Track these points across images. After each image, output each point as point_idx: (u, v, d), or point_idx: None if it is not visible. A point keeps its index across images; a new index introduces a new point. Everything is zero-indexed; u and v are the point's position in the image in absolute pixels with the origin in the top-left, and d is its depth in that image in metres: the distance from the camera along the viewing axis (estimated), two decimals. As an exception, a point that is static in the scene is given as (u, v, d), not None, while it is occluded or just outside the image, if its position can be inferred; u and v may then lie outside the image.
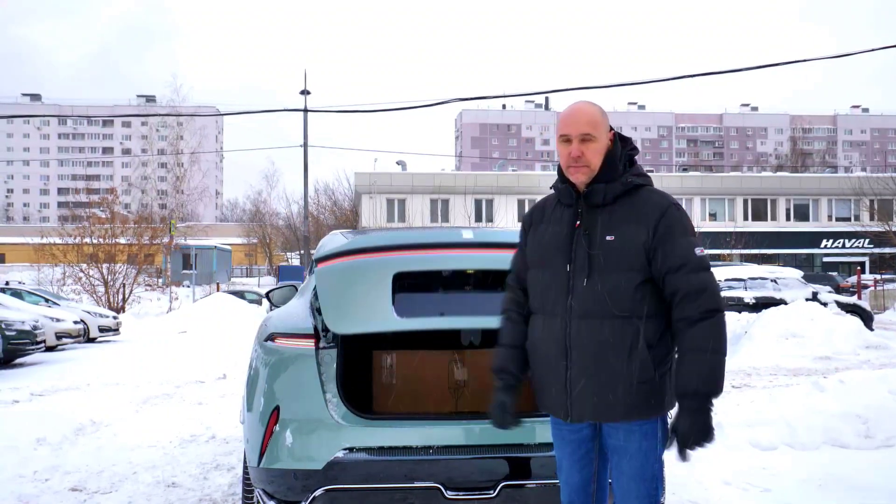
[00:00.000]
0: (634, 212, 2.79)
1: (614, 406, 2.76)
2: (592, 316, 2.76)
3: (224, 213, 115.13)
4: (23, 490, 5.55)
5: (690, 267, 2.71)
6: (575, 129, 2.82)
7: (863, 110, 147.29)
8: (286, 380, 3.73)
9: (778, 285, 18.83)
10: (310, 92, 34.61)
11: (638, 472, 2.80)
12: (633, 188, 2.84)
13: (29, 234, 43.87)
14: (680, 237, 2.74)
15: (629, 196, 2.83)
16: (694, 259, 2.72)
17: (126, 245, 32.44)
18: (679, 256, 2.71)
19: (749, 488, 5.49)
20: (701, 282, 2.70)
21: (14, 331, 14.37)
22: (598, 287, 2.76)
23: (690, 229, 2.80)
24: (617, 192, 2.81)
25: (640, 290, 2.75)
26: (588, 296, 2.77)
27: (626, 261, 2.75)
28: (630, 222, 2.77)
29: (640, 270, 2.74)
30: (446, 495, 3.46)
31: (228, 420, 8.04)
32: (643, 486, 2.81)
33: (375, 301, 3.75)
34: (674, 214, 2.77)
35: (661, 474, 2.87)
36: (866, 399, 6.97)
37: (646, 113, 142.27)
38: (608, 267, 2.76)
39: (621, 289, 2.74)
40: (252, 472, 3.78)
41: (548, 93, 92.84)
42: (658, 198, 2.83)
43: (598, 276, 2.76)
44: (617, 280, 2.75)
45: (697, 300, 2.67)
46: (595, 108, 2.88)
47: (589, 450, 2.94)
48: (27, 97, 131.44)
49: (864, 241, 49.56)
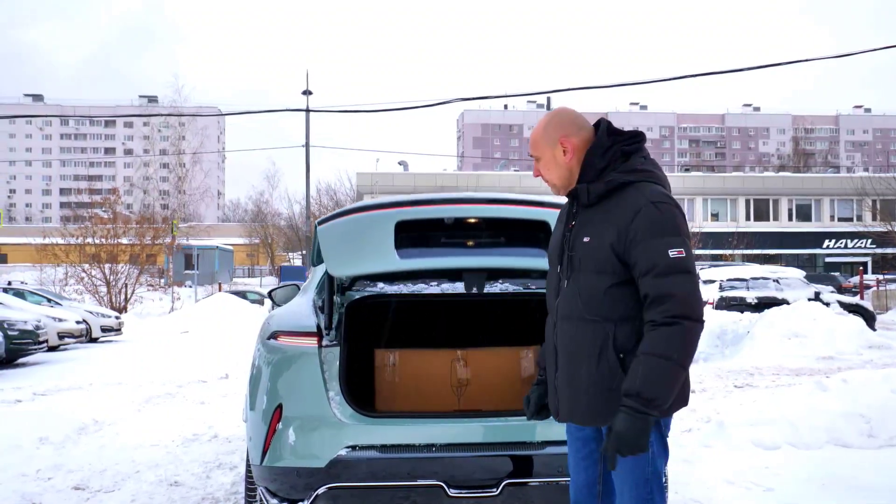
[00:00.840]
0: (611, 212, 2.71)
1: (582, 410, 2.75)
2: (569, 318, 2.76)
3: (226, 214, 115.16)
4: (26, 488, 5.55)
5: (658, 270, 2.59)
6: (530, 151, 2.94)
7: (865, 110, 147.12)
8: (289, 378, 3.73)
9: (780, 285, 18.80)
10: (311, 92, 34.64)
11: (629, 476, 2.73)
12: (619, 186, 2.74)
13: (31, 234, 43.89)
14: (652, 238, 2.62)
15: (615, 195, 2.74)
16: (664, 262, 2.60)
17: (128, 245, 32.47)
18: (647, 259, 2.61)
19: (752, 487, 5.48)
20: (669, 286, 2.58)
21: (17, 330, 14.38)
22: (574, 289, 2.75)
23: (669, 228, 2.65)
24: (600, 192, 2.75)
25: (612, 294, 2.69)
26: (567, 297, 2.78)
27: (597, 263, 2.70)
28: (605, 223, 2.71)
29: (610, 273, 2.68)
30: (449, 493, 3.46)
31: (231, 419, 8.04)
32: (636, 490, 2.74)
33: (378, 244, 3.72)
34: (649, 214, 2.64)
35: (658, 479, 2.77)
36: (869, 398, 6.96)
37: (647, 113, 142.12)
38: (582, 269, 2.74)
39: (592, 291, 2.71)
40: (255, 471, 3.78)
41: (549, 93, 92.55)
42: (637, 196, 2.69)
43: (574, 278, 2.76)
44: (588, 282, 2.72)
45: (662, 305, 2.57)
46: (540, 124, 2.92)
47: (593, 450, 2.89)
48: (29, 97, 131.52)
49: (866, 241, 49.50)
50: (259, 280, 60.57)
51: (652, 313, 2.59)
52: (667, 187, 2.79)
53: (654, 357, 2.54)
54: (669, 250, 2.60)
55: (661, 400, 2.54)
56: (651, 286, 2.59)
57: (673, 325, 2.55)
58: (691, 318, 2.58)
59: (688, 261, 2.63)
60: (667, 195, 2.74)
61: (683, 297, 2.58)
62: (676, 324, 2.55)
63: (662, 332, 2.55)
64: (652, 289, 2.59)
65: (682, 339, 2.56)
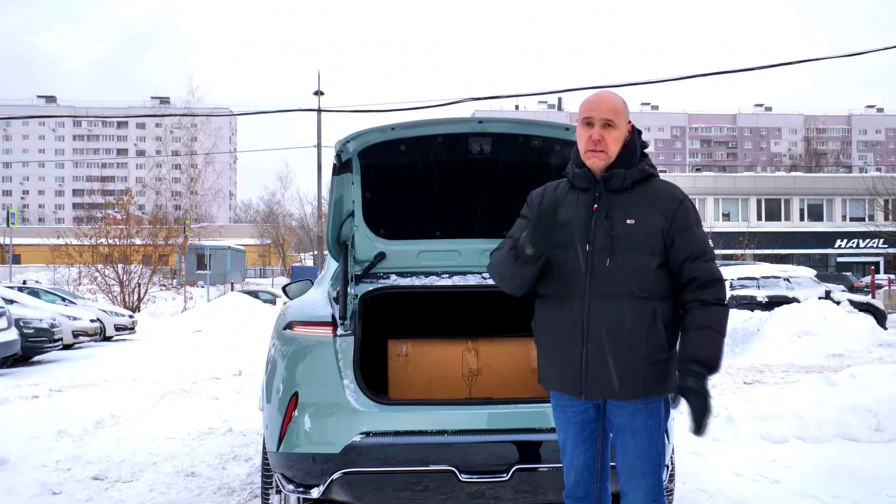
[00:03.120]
0: (651, 199, 2.92)
1: (632, 384, 2.87)
2: (613, 296, 2.85)
3: (237, 215, 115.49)
4: (46, 479, 5.67)
5: (708, 256, 2.90)
6: (598, 114, 2.93)
7: (877, 110, 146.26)
8: (305, 366, 3.82)
9: (791, 284, 18.82)
10: (323, 92, 34.76)
11: (644, 450, 2.91)
12: (648, 177, 2.98)
13: (44, 234, 44.16)
14: (696, 227, 2.93)
15: (644, 184, 2.96)
16: (709, 250, 2.92)
17: (141, 245, 32.70)
18: (699, 245, 2.90)
19: (760, 479, 5.55)
20: (716, 271, 2.90)
21: (32, 328, 14.53)
22: (620, 268, 2.86)
23: (700, 222, 2.99)
24: (635, 178, 2.94)
25: (658, 273, 2.88)
26: (610, 276, 2.86)
27: (644, 245, 2.87)
28: (647, 208, 2.89)
29: (658, 254, 2.88)
30: (460, 478, 3.53)
31: (245, 414, 8.14)
32: (648, 462, 2.92)
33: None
34: (689, 206, 2.95)
35: (665, 451, 3.01)
36: (877, 393, 7.01)
37: (659, 113, 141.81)
38: (630, 249, 2.86)
39: (643, 270, 2.86)
40: (271, 458, 3.86)
41: (560, 92, 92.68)
42: (673, 188, 2.98)
43: (620, 258, 2.86)
44: (638, 261, 2.86)
45: (714, 287, 2.86)
46: (619, 98, 3.01)
47: (594, 430, 3.02)
48: (42, 99, 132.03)
49: (878, 241, 49.35)
50: (271, 280, 60.71)
51: (704, 294, 2.86)
52: None
53: (712, 331, 2.83)
54: (707, 240, 2.96)
55: (717, 366, 2.85)
56: (702, 270, 2.88)
57: (722, 306, 2.88)
58: (726, 301, 2.92)
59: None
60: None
61: (724, 282, 2.93)
62: (724, 305, 2.89)
63: (716, 310, 2.85)
64: (703, 272, 2.88)
65: (727, 318, 2.90)
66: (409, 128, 4.03)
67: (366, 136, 4.00)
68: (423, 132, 4.08)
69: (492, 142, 4.14)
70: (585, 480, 3.05)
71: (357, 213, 4.26)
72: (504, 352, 4.30)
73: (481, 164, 4.28)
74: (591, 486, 3.06)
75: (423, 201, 4.46)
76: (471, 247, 4.40)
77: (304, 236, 69.83)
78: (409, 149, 4.15)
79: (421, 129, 4.07)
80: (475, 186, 4.41)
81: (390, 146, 4.09)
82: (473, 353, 4.24)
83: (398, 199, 4.40)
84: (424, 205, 4.46)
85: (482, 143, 4.15)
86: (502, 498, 3.73)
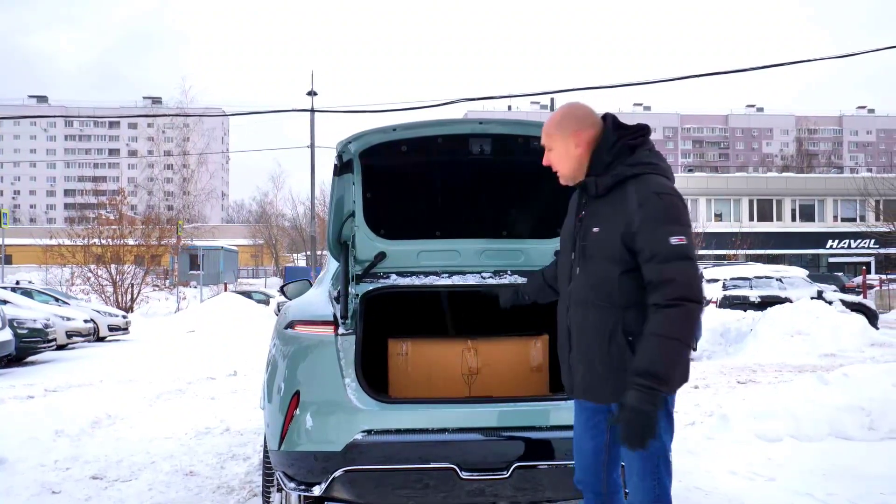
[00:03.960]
0: (618, 204, 2.88)
1: (600, 388, 2.95)
2: (581, 303, 2.98)
3: (230, 215, 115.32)
4: (46, 478, 5.69)
5: (661, 257, 2.76)
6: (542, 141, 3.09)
7: (868, 111, 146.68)
8: (306, 365, 3.84)
9: (783, 284, 18.88)
10: (316, 93, 34.74)
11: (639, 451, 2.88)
12: (624, 179, 2.90)
13: (36, 235, 44.05)
14: (656, 227, 2.78)
15: (621, 188, 2.90)
16: (666, 250, 2.76)
17: (134, 246, 32.65)
18: (651, 247, 2.77)
19: (755, 478, 5.59)
20: (671, 272, 2.74)
21: (26, 329, 14.51)
22: (585, 277, 2.96)
23: (671, 217, 2.81)
24: (608, 185, 2.92)
25: (622, 281, 2.86)
26: (579, 284, 2.99)
27: (606, 252, 2.88)
28: (613, 214, 2.88)
29: (619, 262, 2.85)
30: (461, 476, 3.56)
31: (241, 414, 8.17)
32: (643, 462, 2.91)
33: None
34: (653, 204, 2.81)
35: (664, 453, 2.94)
36: (870, 392, 7.05)
37: (651, 114, 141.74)
38: (592, 258, 2.93)
39: (602, 279, 2.90)
40: (273, 456, 3.89)
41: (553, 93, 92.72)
42: (642, 188, 2.85)
43: (585, 267, 2.97)
44: (598, 271, 2.91)
45: (665, 289, 2.74)
46: (552, 116, 3.08)
47: (601, 420, 3.08)
48: (33, 99, 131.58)
49: (869, 241, 49.50)
50: (264, 281, 60.61)
51: (655, 297, 2.76)
52: (671, 178, 2.96)
53: (660, 337, 2.72)
54: (671, 238, 2.77)
55: (668, 376, 2.72)
56: (654, 272, 2.77)
57: (675, 307, 2.73)
58: (692, 299, 2.74)
59: (688, 248, 2.79)
60: (670, 186, 2.90)
61: (684, 281, 2.75)
62: (678, 305, 2.73)
63: (666, 313, 2.73)
64: (655, 274, 2.77)
65: (684, 319, 2.74)
66: (410, 129, 4.07)
67: (367, 137, 4.04)
68: (423, 133, 4.12)
69: (492, 143, 4.18)
70: (593, 468, 3.14)
71: (358, 213, 4.29)
72: (503, 351, 4.33)
73: (481, 165, 4.32)
74: (599, 475, 3.13)
75: (423, 202, 4.50)
76: (470, 247, 4.43)
77: (296, 237, 69.75)
78: (410, 149, 4.18)
79: (422, 129, 4.11)
80: (475, 187, 4.45)
81: (391, 147, 4.13)
82: (473, 353, 4.27)
83: (398, 200, 4.43)
84: (424, 205, 4.50)
85: (482, 144, 4.18)
86: (502, 495, 3.77)
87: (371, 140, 4.07)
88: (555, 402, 3.77)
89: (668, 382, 2.72)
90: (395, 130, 4.04)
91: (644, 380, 2.70)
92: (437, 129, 4.15)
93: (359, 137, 4.02)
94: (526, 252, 4.43)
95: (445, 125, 4.19)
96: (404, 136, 4.09)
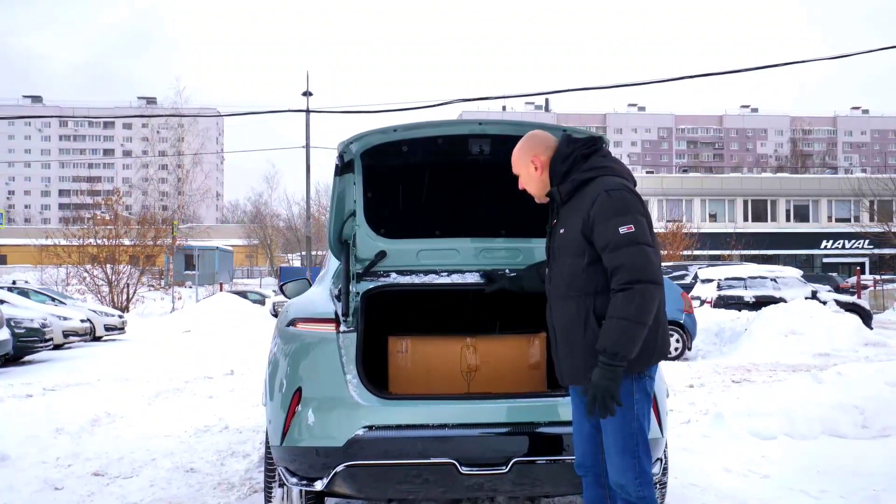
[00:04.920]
0: (578, 205, 3.22)
1: (578, 371, 3.21)
2: (556, 298, 3.32)
3: (224, 215, 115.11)
4: (47, 475, 5.74)
5: (612, 246, 3.05)
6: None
7: (863, 112, 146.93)
8: (308, 362, 3.90)
9: (777, 284, 18.96)
10: (312, 93, 34.75)
11: (618, 429, 3.16)
12: (582, 183, 3.24)
13: (31, 235, 43.96)
14: (606, 220, 3.09)
15: (579, 191, 3.25)
16: (615, 239, 3.05)
17: (129, 246, 32.65)
18: (603, 239, 3.08)
19: (749, 475, 5.65)
20: (621, 258, 3.03)
21: (23, 328, 14.53)
22: (557, 272, 3.31)
23: (619, 209, 3.10)
24: (568, 191, 3.28)
25: (588, 272, 3.17)
26: (553, 280, 3.35)
27: (571, 248, 3.22)
28: (574, 215, 3.22)
29: (583, 255, 3.17)
30: (461, 471, 3.62)
31: (240, 412, 8.22)
32: (622, 441, 3.17)
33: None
34: (603, 201, 3.12)
35: (642, 434, 3.20)
36: (864, 391, 7.11)
37: (646, 114, 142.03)
38: (561, 255, 3.29)
39: (571, 273, 3.22)
40: (275, 452, 3.94)
41: (548, 94, 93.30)
42: (595, 188, 3.18)
43: (555, 264, 3.34)
44: (567, 265, 3.25)
45: (617, 275, 3.03)
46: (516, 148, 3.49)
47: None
48: (28, 99, 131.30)
49: (863, 241, 49.65)
50: (259, 281, 60.66)
51: (613, 282, 3.06)
52: (626, 177, 3.28)
53: (616, 319, 3.01)
54: (619, 227, 3.06)
55: (625, 353, 2.99)
56: (609, 260, 3.07)
57: (626, 290, 3.01)
58: (642, 280, 3.02)
59: (636, 234, 3.06)
60: (621, 183, 3.20)
61: (632, 264, 3.03)
62: (629, 288, 3.01)
63: (619, 297, 3.02)
64: (609, 262, 3.07)
65: (636, 300, 3.00)
66: (411, 129, 4.13)
67: (368, 138, 4.10)
68: (424, 133, 4.18)
69: (491, 143, 4.24)
70: (592, 451, 3.35)
71: (358, 212, 4.35)
72: (502, 348, 4.39)
73: (480, 165, 4.38)
74: (598, 458, 3.34)
75: (423, 201, 4.55)
76: (469, 246, 4.49)
77: (291, 237, 69.67)
78: (411, 150, 4.24)
79: (422, 130, 4.17)
80: (474, 187, 4.52)
81: (392, 147, 4.19)
82: (472, 350, 4.32)
83: (399, 199, 4.50)
84: (424, 204, 4.55)
85: (482, 145, 4.25)
86: (501, 490, 3.85)
87: (372, 140, 4.13)
88: (553, 399, 3.84)
89: (625, 358, 2.99)
90: (396, 131, 4.10)
91: (604, 357, 2.99)
92: (438, 130, 4.21)
93: (360, 138, 4.08)
94: (524, 251, 4.48)
95: (445, 126, 4.25)
96: (405, 136, 4.15)
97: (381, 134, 4.11)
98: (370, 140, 4.12)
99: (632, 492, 3.16)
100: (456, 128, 4.25)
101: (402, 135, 4.13)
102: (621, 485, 3.17)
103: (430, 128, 4.20)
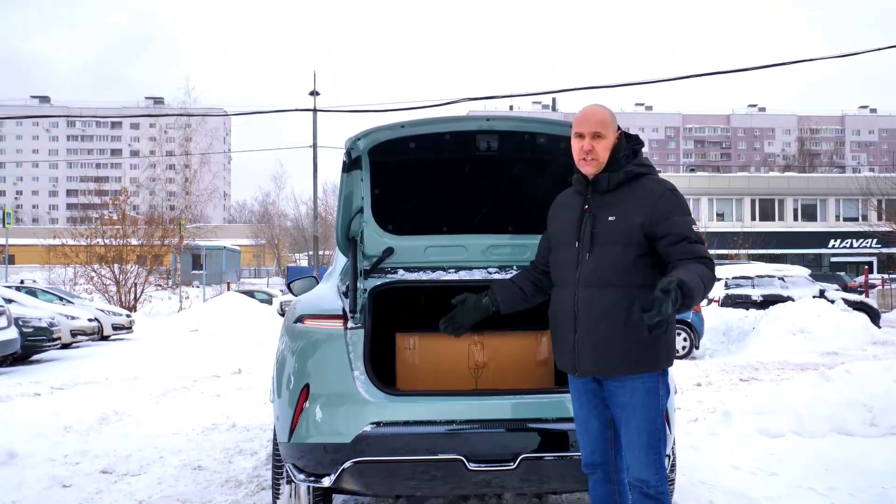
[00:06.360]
0: (633, 196, 3.23)
1: (612, 361, 3.18)
2: (595, 285, 3.20)
3: (232, 215, 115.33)
4: (56, 472, 5.76)
5: (691, 239, 3.13)
6: (587, 127, 3.28)
7: (871, 111, 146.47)
8: (316, 358, 3.90)
9: (785, 283, 18.89)
10: (319, 93, 34.75)
11: (643, 425, 3.17)
12: (634, 177, 3.27)
13: (39, 235, 44.08)
14: (680, 215, 3.18)
15: (631, 183, 3.26)
16: (694, 234, 3.15)
17: (137, 245, 32.73)
18: (680, 231, 3.13)
19: (757, 472, 5.64)
20: (702, 251, 3.12)
21: (31, 327, 14.53)
22: (600, 260, 3.21)
23: (687, 210, 3.24)
24: (619, 180, 3.26)
25: (637, 263, 3.17)
26: (590, 268, 3.22)
27: (624, 237, 3.18)
28: (629, 205, 3.21)
29: (636, 245, 3.17)
30: (469, 467, 3.61)
31: (247, 411, 8.23)
32: (647, 436, 3.18)
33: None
34: (671, 197, 3.21)
35: (664, 428, 3.25)
36: (872, 388, 7.10)
37: (653, 114, 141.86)
38: (608, 242, 3.21)
39: (619, 262, 3.18)
40: (282, 448, 3.94)
41: (555, 93, 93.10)
42: (655, 184, 3.26)
43: (599, 251, 3.22)
44: (615, 254, 3.19)
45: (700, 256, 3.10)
46: (606, 110, 3.35)
47: (604, 399, 3.30)
48: (36, 99, 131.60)
49: (871, 240, 49.49)
50: (266, 280, 60.77)
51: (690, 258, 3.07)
52: None
53: (695, 273, 2.96)
54: (693, 226, 3.19)
55: (691, 302, 2.88)
56: (688, 250, 3.10)
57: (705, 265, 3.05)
58: (714, 270, 3.11)
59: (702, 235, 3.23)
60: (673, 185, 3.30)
61: (710, 257, 3.14)
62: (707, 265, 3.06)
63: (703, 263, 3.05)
64: (689, 252, 3.10)
65: (712, 277, 3.05)
66: (419, 126, 4.13)
67: (375, 134, 4.10)
68: (431, 130, 4.18)
69: (498, 139, 4.24)
70: (601, 449, 3.35)
71: (366, 209, 4.35)
72: (509, 345, 4.38)
73: (488, 162, 4.39)
74: (607, 455, 3.34)
75: (430, 198, 4.55)
76: (476, 242, 4.49)
77: (298, 236, 69.80)
78: (418, 146, 4.24)
79: (430, 126, 4.17)
80: (482, 183, 4.51)
81: (399, 144, 4.19)
82: (479, 347, 4.32)
83: (406, 196, 4.49)
84: (432, 201, 4.55)
85: (489, 141, 4.25)
86: (509, 486, 3.85)
87: (380, 137, 4.13)
88: (560, 395, 3.82)
89: (688, 305, 2.85)
90: (404, 127, 4.10)
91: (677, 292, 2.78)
92: (445, 126, 4.21)
93: (368, 134, 4.08)
94: (531, 248, 4.48)
95: (453, 122, 4.25)
96: (412, 132, 4.15)
97: (388, 130, 4.11)
98: (378, 136, 4.13)
99: (653, 486, 3.17)
100: (464, 124, 4.25)
101: (410, 131, 4.13)
102: (644, 479, 3.17)
103: (437, 124, 4.20)
